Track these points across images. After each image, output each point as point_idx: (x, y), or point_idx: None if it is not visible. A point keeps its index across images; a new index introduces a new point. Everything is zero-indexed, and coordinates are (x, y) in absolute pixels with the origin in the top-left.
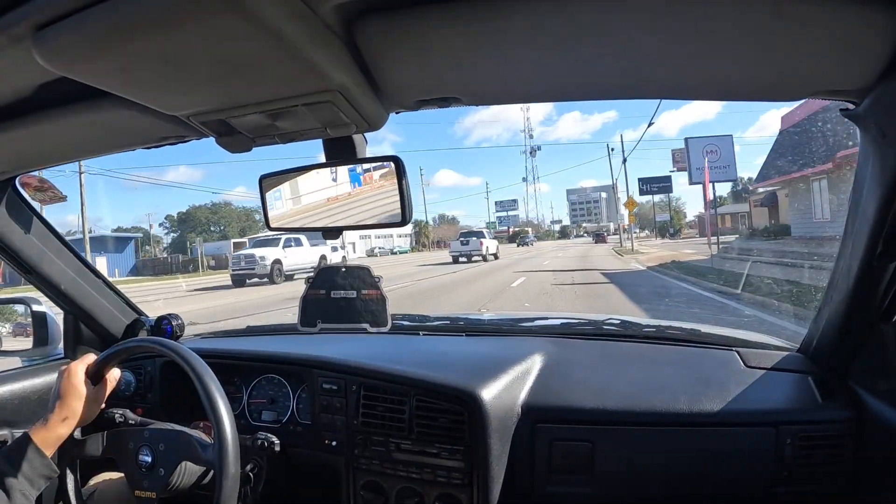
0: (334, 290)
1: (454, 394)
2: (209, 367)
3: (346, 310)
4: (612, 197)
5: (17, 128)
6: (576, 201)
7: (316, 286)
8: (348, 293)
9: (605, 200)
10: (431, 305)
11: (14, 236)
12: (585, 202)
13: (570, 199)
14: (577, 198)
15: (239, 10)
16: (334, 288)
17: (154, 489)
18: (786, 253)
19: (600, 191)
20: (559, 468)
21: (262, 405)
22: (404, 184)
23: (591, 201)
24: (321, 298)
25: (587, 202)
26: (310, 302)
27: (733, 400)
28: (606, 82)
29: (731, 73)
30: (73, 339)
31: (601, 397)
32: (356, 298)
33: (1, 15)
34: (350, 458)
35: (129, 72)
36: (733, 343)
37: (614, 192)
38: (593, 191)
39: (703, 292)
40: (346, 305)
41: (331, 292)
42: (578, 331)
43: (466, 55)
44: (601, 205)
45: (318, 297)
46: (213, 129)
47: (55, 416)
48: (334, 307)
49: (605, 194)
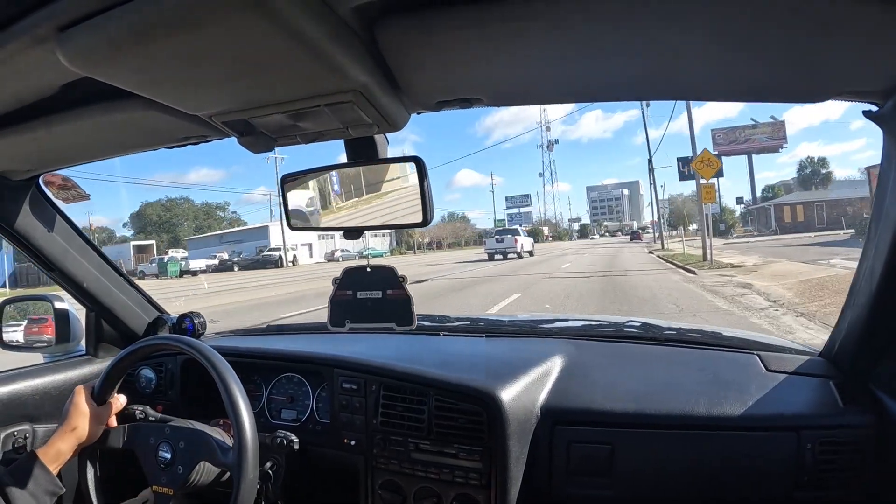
0: (360, 291)
1: (473, 394)
2: (231, 367)
3: (372, 310)
4: (637, 193)
5: (41, 127)
6: (596, 199)
7: (343, 287)
8: (374, 293)
9: (628, 198)
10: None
11: (38, 234)
12: (606, 200)
13: (591, 196)
14: (598, 195)
15: (260, 10)
16: (361, 289)
17: (171, 486)
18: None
19: (622, 188)
20: (578, 470)
21: (281, 403)
22: (426, 184)
23: (613, 199)
24: (348, 299)
25: (608, 200)
26: (337, 303)
27: (754, 404)
28: (628, 83)
29: (753, 74)
30: (95, 336)
31: (621, 400)
32: (382, 298)
33: (24, 16)
34: (369, 457)
35: (151, 72)
36: (754, 346)
37: (650, 171)
38: (614, 188)
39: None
40: (372, 306)
41: (357, 293)
42: (599, 333)
43: (487, 56)
44: (623, 202)
45: (346, 298)
46: (234, 128)
47: (59, 434)
48: (361, 308)
49: (626, 191)
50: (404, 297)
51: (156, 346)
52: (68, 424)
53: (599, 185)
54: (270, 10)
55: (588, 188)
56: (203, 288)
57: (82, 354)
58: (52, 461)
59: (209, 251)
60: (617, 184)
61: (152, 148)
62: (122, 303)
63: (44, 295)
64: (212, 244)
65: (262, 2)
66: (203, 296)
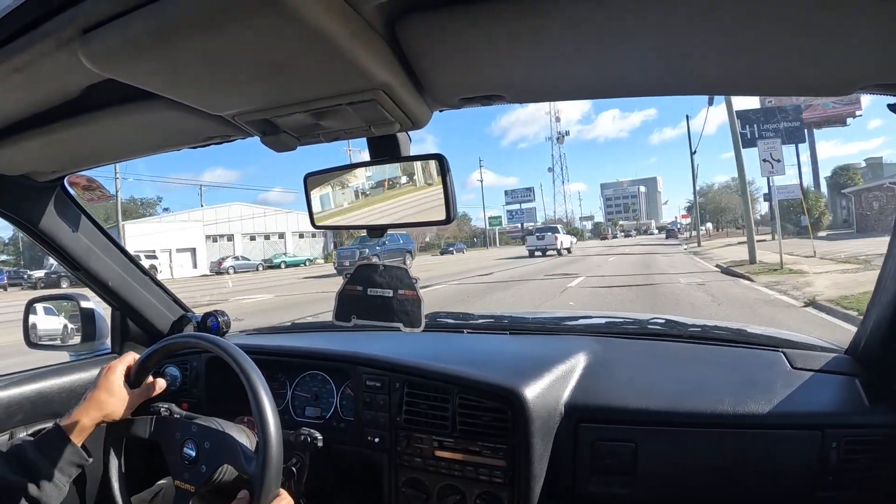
0: (371, 288)
1: (497, 392)
2: (256, 366)
3: (381, 308)
4: (654, 190)
5: (66, 129)
6: (611, 196)
7: (353, 282)
8: (385, 292)
9: (644, 195)
10: None
11: (63, 234)
12: (622, 197)
13: (605, 193)
14: (613, 192)
15: (282, 11)
16: (371, 286)
17: (194, 483)
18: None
19: (638, 184)
20: (601, 468)
21: (306, 401)
22: (448, 181)
23: (629, 196)
24: (358, 295)
25: (623, 197)
26: (346, 297)
27: (778, 402)
28: (651, 78)
29: (777, 68)
30: (120, 335)
31: (645, 397)
32: (392, 298)
33: (47, 19)
34: (392, 454)
35: (174, 73)
36: (779, 344)
37: (693, 164)
38: (630, 184)
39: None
40: (381, 304)
41: (368, 290)
42: (623, 330)
43: (509, 53)
44: (640, 200)
45: (355, 293)
46: (257, 128)
47: (83, 406)
48: (370, 304)
49: (643, 188)
50: (415, 299)
51: (184, 343)
52: (93, 399)
53: (614, 182)
54: (292, 11)
55: (602, 185)
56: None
57: (108, 352)
58: (75, 433)
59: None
60: (633, 180)
61: (176, 148)
62: (147, 301)
63: (69, 294)
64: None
65: (284, 3)
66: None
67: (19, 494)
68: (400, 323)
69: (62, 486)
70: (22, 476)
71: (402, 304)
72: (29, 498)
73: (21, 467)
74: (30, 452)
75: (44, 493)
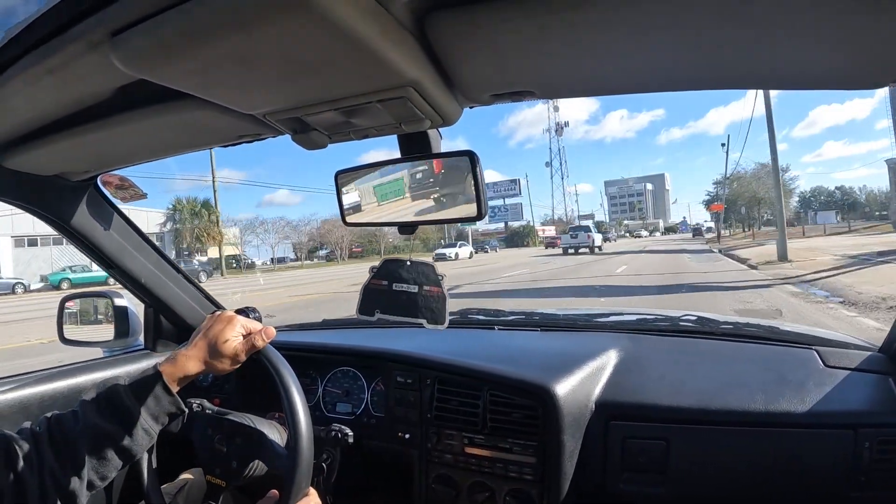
0: (396, 283)
1: (528, 389)
2: (288, 364)
3: (405, 303)
4: (662, 188)
5: (98, 130)
6: (615, 194)
7: (379, 276)
8: (410, 287)
9: (651, 193)
10: None
11: (97, 233)
12: (627, 195)
13: (609, 191)
14: (618, 190)
15: (311, 10)
16: (397, 281)
17: (224, 479)
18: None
19: (645, 181)
20: (632, 466)
21: (336, 397)
22: (479, 178)
23: (635, 194)
24: (383, 289)
25: (629, 195)
26: (371, 291)
27: (811, 400)
28: (685, 72)
29: (815, 60)
30: (153, 331)
31: (676, 395)
32: (417, 293)
33: (78, 21)
34: (423, 451)
35: (204, 73)
36: (812, 342)
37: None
38: (637, 181)
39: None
40: (406, 299)
41: (393, 284)
42: (654, 327)
43: (539, 48)
44: (646, 198)
45: (380, 287)
46: (288, 126)
47: (190, 351)
48: (395, 299)
49: (650, 186)
50: (440, 295)
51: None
52: (203, 346)
53: (619, 180)
54: (322, 10)
55: (606, 182)
56: None
57: (140, 348)
58: (175, 380)
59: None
60: (639, 177)
61: (206, 147)
62: (180, 298)
63: (103, 291)
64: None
65: (313, 2)
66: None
67: (111, 443)
68: (424, 319)
69: (154, 435)
70: (115, 423)
71: (427, 301)
72: (119, 447)
73: (114, 414)
74: (125, 398)
75: (135, 442)
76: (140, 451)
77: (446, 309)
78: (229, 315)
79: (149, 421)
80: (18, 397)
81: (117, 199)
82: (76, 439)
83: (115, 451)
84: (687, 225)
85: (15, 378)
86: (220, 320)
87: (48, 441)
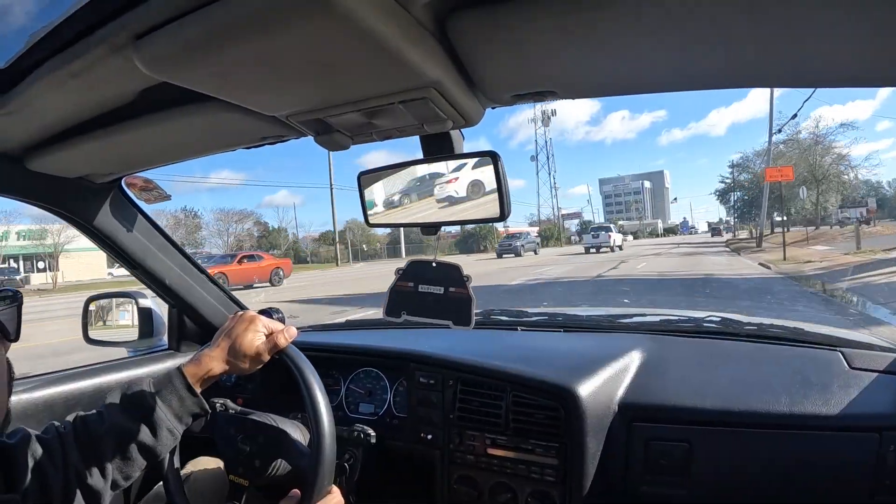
0: (422, 285)
1: (551, 390)
2: (312, 365)
3: (432, 305)
4: (661, 186)
5: (122, 132)
6: (611, 193)
7: (405, 278)
8: (436, 289)
9: (650, 191)
10: None
11: (121, 234)
12: (623, 194)
13: (604, 189)
14: (613, 188)
15: (332, 12)
16: (423, 282)
17: (247, 478)
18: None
19: (643, 179)
20: (654, 468)
21: (359, 397)
22: (502, 178)
23: (631, 192)
24: (409, 291)
25: (625, 194)
26: (397, 293)
27: (835, 403)
28: (711, 71)
29: (844, 56)
30: (177, 332)
31: (699, 396)
32: (444, 295)
33: (101, 26)
34: (445, 452)
35: (227, 76)
36: (837, 343)
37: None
38: (633, 179)
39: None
40: (432, 301)
41: (419, 286)
42: (678, 328)
43: (561, 47)
44: (644, 197)
45: (406, 289)
46: (311, 128)
47: (213, 352)
48: (421, 301)
49: (648, 183)
50: (466, 297)
51: None
52: (226, 347)
53: (615, 177)
54: (343, 12)
55: (601, 181)
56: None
57: (164, 349)
58: (198, 381)
59: None
60: (637, 175)
61: (230, 149)
62: (203, 299)
63: (127, 292)
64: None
65: (335, 4)
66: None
67: (135, 442)
68: (450, 321)
69: (177, 434)
70: (139, 423)
71: (453, 302)
72: (143, 447)
73: (138, 413)
74: (149, 398)
75: (159, 442)
76: (164, 451)
77: (473, 310)
78: (251, 315)
79: (172, 421)
80: (43, 396)
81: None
82: (101, 439)
83: (139, 451)
84: (688, 226)
85: (40, 377)
86: (242, 320)
87: (73, 440)
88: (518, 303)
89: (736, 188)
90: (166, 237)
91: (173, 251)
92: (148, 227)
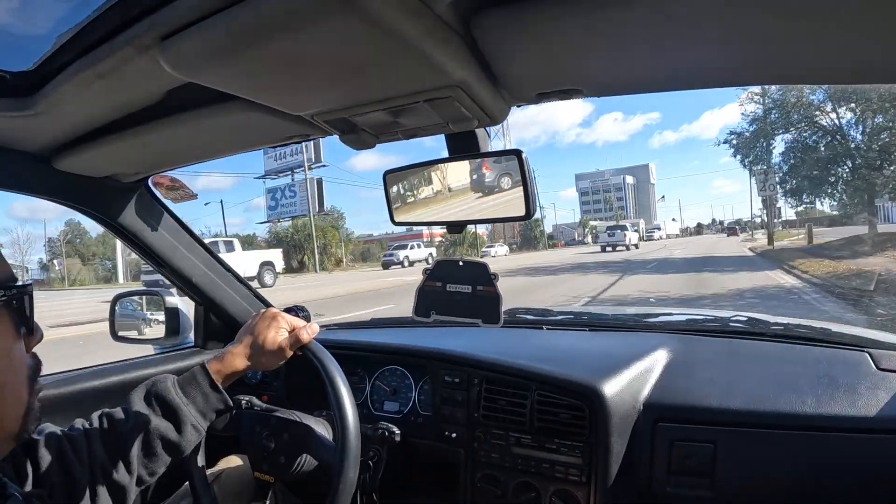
0: (450, 284)
1: (576, 389)
2: (337, 363)
3: (460, 304)
4: (646, 182)
5: (148, 132)
6: (588, 189)
7: (433, 278)
8: (464, 288)
9: (633, 188)
10: None
11: (148, 232)
12: (602, 191)
13: (580, 186)
14: (590, 184)
15: (357, 12)
16: (451, 281)
17: (273, 474)
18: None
19: (623, 174)
20: (679, 469)
21: (384, 395)
22: (528, 177)
23: (612, 189)
24: (437, 290)
25: (605, 190)
26: (426, 293)
27: (863, 404)
28: (739, 68)
29: (864, 54)
30: (203, 329)
31: (725, 397)
32: (472, 294)
33: (127, 27)
34: (469, 450)
35: (252, 76)
36: (865, 344)
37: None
38: (614, 174)
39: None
40: (461, 300)
41: (447, 285)
42: (704, 328)
43: (586, 45)
44: (626, 193)
45: (435, 289)
46: (336, 127)
47: (238, 349)
48: (449, 300)
49: (631, 179)
50: (494, 295)
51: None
52: (252, 343)
53: (593, 172)
54: (368, 12)
55: (577, 176)
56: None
57: (191, 346)
58: (222, 377)
59: None
60: (618, 169)
61: (256, 148)
62: (230, 297)
63: (154, 290)
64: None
65: (360, 4)
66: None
67: (160, 438)
68: (479, 319)
69: (202, 431)
70: (164, 419)
71: (481, 301)
72: (168, 443)
73: (163, 410)
74: (174, 395)
75: (184, 438)
76: (188, 447)
77: (501, 308)
78: (274, 312)
79: (197, 417)
80: (71, 391)
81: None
82: (126, 435)
83: (163, 447)
84: (738, 223)
85: (68, 373)
86: (264, 317)
87: (99, 436)
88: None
89: (779, 127)
90: (193, 235)
91: (199, 249)
92: (174, 226)
